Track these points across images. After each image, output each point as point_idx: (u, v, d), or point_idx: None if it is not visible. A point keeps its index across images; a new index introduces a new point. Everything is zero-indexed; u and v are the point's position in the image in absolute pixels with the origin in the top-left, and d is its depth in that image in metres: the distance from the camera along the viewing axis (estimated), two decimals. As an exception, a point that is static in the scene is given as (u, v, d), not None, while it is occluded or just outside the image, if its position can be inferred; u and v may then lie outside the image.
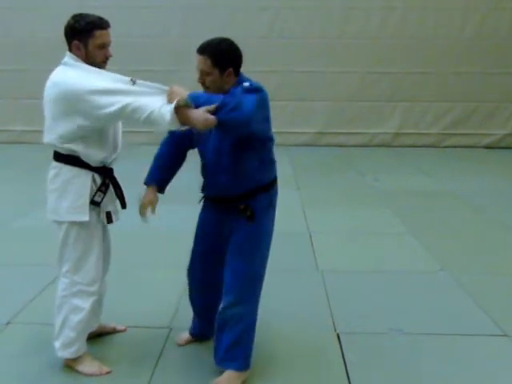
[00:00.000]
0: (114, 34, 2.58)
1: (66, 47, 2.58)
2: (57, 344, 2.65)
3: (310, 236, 4.75)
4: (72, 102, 2.37)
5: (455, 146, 9.90)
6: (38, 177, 7.16)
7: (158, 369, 2.70)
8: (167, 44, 9.54)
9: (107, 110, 2.32)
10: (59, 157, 2.55)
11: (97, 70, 2.49)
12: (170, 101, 2.30)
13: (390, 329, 3.13)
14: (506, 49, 9.72)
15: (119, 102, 2.31)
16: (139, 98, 2.33)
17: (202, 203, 2.77)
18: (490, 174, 7.78)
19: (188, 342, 2.93)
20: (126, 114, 2.33)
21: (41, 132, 2.54)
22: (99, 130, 2.51)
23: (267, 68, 9.23)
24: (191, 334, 2.95)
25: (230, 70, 2.45)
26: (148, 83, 2.41)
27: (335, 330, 3.07)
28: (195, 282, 2.81)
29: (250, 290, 2.54)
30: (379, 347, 2.94)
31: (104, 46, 2.54)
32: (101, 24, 2.54)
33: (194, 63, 2.50)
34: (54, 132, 2.48)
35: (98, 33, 2.52)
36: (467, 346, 2.98)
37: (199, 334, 2.94)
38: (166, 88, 2.37)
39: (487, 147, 9.97)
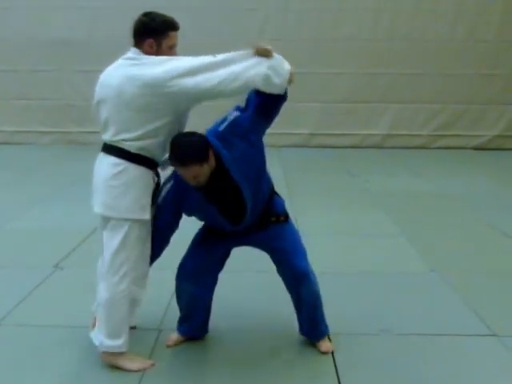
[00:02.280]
0: (110, 35, 2.60)
1: (59, 48, 2.58)
2: (119, 341, 2.64)
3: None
4: (160, 92, 2.37)
5: (446, 148, 9.95)
6: (31, 178, 7.22)
7: (148, 370, 2.69)
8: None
9: (204, 86, 2.34)
10: (125, 154, 2.51)
11: (171, 57, 2.49)
12: (267, 56, 2.40)
13: (380, 330, 3.14)
14: (495, 51, 9.77)
15: (214, 76, 2.34)
16: (232, 65, 2.37)
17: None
18: (480, 175, 7.82)
19: (177, 343, 2.93)
20: (225, 87, 2.35)
21: (32, 133, 2.54)
22: (174, 125, 2.53)
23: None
24: (182, 334, 2.95)
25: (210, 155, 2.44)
26: (229, 53, 2.42)
27: (325, 331, 3.08)
28: (191, 283, 2.79)
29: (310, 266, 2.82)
30: (370, 348, 2.95)
31: (173, 47, 2.57)
32: (175, 26, 2.57)
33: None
34: (130, 128, 2.47)
35: (171, 34, 2.55)
36: (457, 346, 2.99)
37: (190, 334, 2.95)
38: (248, 51, 2.41)
39: (477, 148, 10.03)
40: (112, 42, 9.61)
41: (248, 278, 3.83)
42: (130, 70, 2.44)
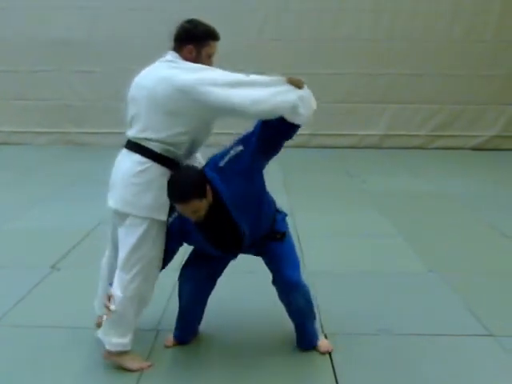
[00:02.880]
0: (110, 35, 2.61)
1: (58, 48, 2.58)
2: (125, 340, 2.65)
3: (298, 237, 4.74)
4: (191, 98, 2.38)
5: (444, 148, 9.95)
6: (30, 178, 7.21)
7: (146, 370, 2.70)
8: (154, 46, 9.50)
9: (234, 101, 2.36)
10: (149, 154, 2.51)
11: (207, 67, 2.52)
12: (299, 86, 2.43)
13: (379, 330, 3.14)
14: (493, 51, 9.78)
15: (245, 94, 2.37)
16: (264, 88, 2.40)
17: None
18: (478, 175, 7.83)
19: (175, 344, 2.94)
20: (252, 107, 2.37)
21: (30, 133, 2.52)
22: (199, 133, 2.55)
23: (258, 70, 9.20)
24: (176, 338, 2.95)
25: (208, 189, 2.43)
26: (262, 76, 2.47)
27: (323, 331, 3.08)
28: (191, 285, 2.81)
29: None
30: (369, 348, 2.95)
31: (212, 56, 2.60)
32: (216, 35, 2.60)
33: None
34: (156, 129, 2.47)
35: (212, 43, 2.59)
36: (456, 346, 3.00)
37: (183, 338, 2.96)
38: (280, 78, 2.45)
39: (474, 149, 10.04)
40: (112, 42, 9.66)
41: (241, 279, 3.80)
42: (167, 72, 2.47)
